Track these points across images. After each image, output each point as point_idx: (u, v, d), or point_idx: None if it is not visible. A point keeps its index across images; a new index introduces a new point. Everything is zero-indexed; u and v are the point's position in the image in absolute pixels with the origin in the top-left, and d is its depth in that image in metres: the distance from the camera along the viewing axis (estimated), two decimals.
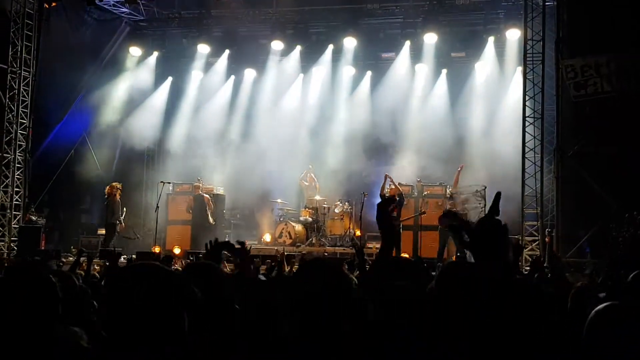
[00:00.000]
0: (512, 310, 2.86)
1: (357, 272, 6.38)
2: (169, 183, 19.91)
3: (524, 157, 16.97)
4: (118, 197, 18.31)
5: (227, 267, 11.55)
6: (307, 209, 19.43)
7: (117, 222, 18.26)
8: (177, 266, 13.38)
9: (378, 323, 2.91)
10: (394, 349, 2.84)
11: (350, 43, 21.77)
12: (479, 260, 4.40)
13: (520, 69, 19.13)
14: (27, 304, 2.52)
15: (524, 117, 17.12)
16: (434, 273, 5.43)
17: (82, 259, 8.68)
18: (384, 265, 3.60)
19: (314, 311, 2.74)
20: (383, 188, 17.38)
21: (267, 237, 20.50)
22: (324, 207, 19.42)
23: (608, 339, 2.81)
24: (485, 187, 17.67)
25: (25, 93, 18.65)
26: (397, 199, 16.91)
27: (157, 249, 17.91)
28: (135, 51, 22.41)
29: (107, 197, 18.19)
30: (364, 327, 2.98)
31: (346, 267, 8.33)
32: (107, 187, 18.37)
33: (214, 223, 19.28)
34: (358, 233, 19.42)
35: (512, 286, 3.37)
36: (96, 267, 11.88)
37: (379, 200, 17.51)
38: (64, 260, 15.26)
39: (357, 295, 3.18)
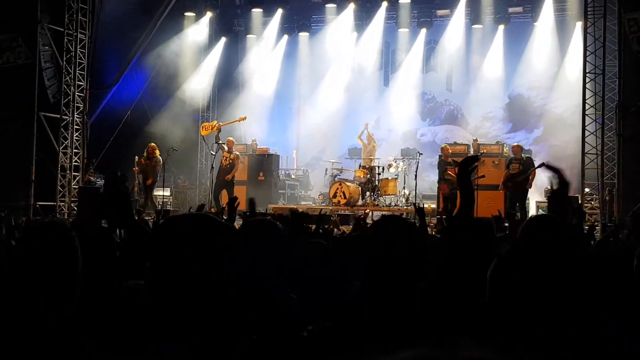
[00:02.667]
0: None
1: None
2: (224, 143, 19.97)
3: (584, 114, 16.53)
4: (159, 155, 17.72)
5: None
6: (361, 169, 19.32)
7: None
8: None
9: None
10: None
11: (404, 0, 21.42)
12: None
13: (580, 23, 18.62)
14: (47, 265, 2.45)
15: (585, 73, 16.65)
16: None
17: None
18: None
19: (390, 269, 2.66)
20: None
21: (320, 198, 20.57)
22: (379, 167, 19.29)
23: None
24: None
25: (82, 55, 18.82)
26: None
27: (213, 210, 18.04)
28: (188, 12, 22.46)
29: (151, 156, 17.39)
30: (438, 286, 2.90)
31: None
32: (150, 146, 17.55)
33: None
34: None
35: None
36: None
37: (434, 160, 17.45)
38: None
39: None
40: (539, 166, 15.41)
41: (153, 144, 17.70)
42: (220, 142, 18.26)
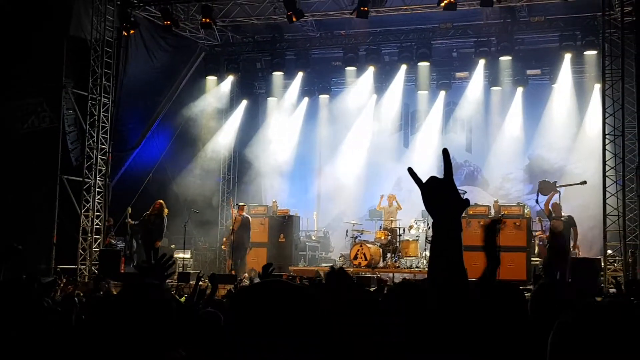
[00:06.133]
0: None
1: None
2: (244, 205, 20.06)
3: (604, 176, 16.48)
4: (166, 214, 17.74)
5: None
6: (382, 231, 19.31)
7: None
8: None
9: None
10: None
11: (423, 63, 21.61)
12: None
13: (599, 85, 18.69)
14: (141, 327, 2.46)
15: (604, 134, 16.65)
16: None
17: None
18: None
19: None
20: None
21: (340, 259, 20.48)
22: (400, 229, 19.26)
23: None
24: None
25: (105, 119, 19.07)
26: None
27: (234, 272, 18.01)
28: (210, 76, 22.81)
29: (158, 213, 17.40)
30: None
31: None
32: (158, 202, 17.58)
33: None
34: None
35: None
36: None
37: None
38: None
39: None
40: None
41: (161, 200, 17.75)
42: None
